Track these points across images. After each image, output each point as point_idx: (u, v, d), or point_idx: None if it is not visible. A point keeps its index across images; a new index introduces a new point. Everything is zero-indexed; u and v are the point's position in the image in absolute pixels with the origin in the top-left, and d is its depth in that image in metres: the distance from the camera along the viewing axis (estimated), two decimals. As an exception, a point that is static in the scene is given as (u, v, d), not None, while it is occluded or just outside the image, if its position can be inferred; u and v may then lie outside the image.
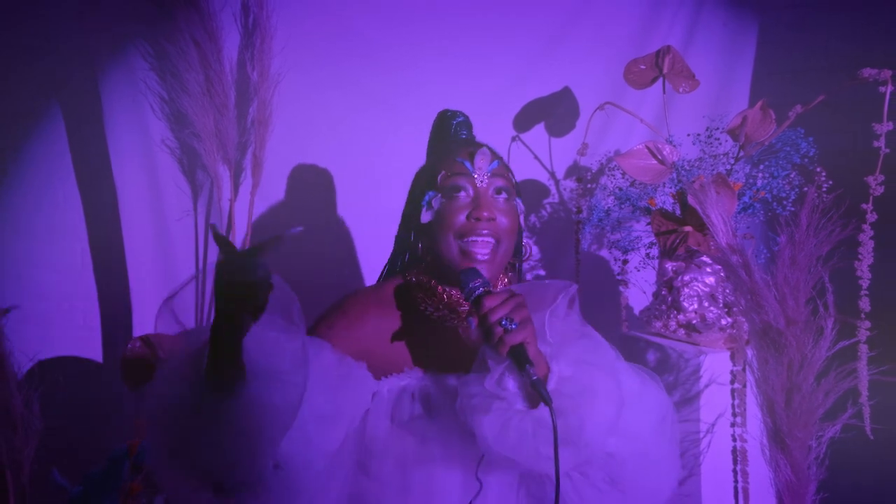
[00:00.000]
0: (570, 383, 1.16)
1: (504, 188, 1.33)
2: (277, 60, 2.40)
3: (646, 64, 2.15)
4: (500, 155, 1.40)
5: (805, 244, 1.49)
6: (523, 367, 1.10)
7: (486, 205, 1.29)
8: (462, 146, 1.37)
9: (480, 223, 1.28)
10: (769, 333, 1.50)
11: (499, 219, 1.30)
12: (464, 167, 1.32)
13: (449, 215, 1.30)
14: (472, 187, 1.31)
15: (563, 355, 1.20)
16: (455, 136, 1.48)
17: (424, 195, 1.35)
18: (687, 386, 1.91)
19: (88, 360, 2.51)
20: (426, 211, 1.34)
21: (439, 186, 1.33)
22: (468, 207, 1.30)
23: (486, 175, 1.32)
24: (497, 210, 1.30)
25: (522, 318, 1.13)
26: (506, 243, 1.32)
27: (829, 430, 1.53)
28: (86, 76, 2.38)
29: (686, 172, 1.97)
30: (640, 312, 2.20)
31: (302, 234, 2.59)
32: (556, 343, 1.21)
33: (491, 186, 1.32)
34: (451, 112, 1.52)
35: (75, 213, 2.47)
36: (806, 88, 1.92)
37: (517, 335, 1.11)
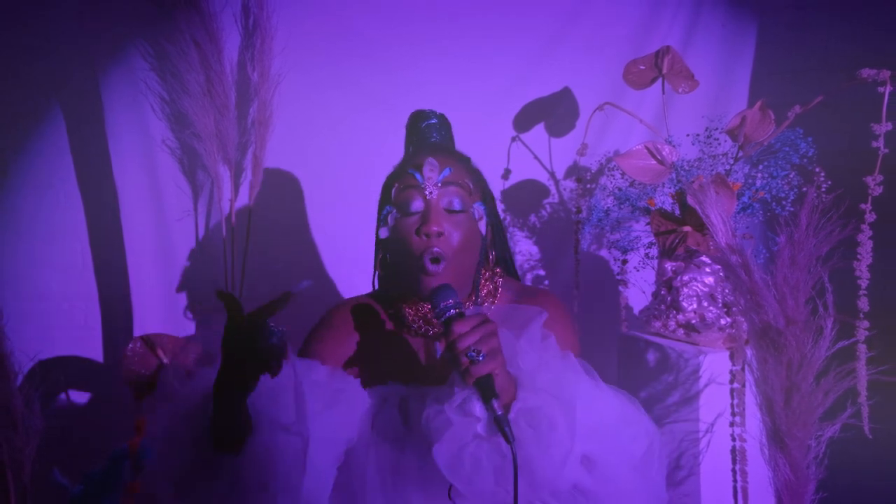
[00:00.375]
0: (532, 414, 1.12)
1: (457, 196, 1.29)
2: (278, 61, 2.40)
3: (645, 64, 2.15)
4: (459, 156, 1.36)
5: (804, 244, 1.49)
6: (488, 400, 1.06)
7: (434, 219, 1.26)
8: (417, 153, 1.34)
9: (431, 239, 1.25)
10: (768, 333, 1.50)
11: (448, 232, 1.26)
12: (414, 179, 1.28)
13: (402, 232, 1.28)
14: (423, 199, 1.28)
15: (531, 384, 1.16)
16: (423, 140, 1.45)
17: (383, 209, 1.33)
18: (686, 386, 1.92)
19: (89, 359, 2.51)
20: (383, 227, 1.33)
21: (393, 201, 1.31)
22: (419, 222, 1.27)
23: (435, 186, 1.28)
24: (447, 223, 1.27)
25: (491, 348, 1.08)
26: (455, 259, 1.27)
27: (828, 429, 1.53)
28: (86, 76, 2.38)
29: (685, 173, 1.97)
30: (640, 312, 2.20)
31: (302, 235, 2.59)
32: (527, 369, 1.18)
33: (442, 198, 1.28)
34: (423, 113, 1.49)
35: (76, 213, 2.47)
36: (805, 89, 1.92)
37: (483, 367, 1.07)
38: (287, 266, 2.56)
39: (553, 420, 1.12)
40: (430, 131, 1.45)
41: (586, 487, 1.17)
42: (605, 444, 1.18)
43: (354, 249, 2.59)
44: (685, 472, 1.92)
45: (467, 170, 1.36)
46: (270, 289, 2.54)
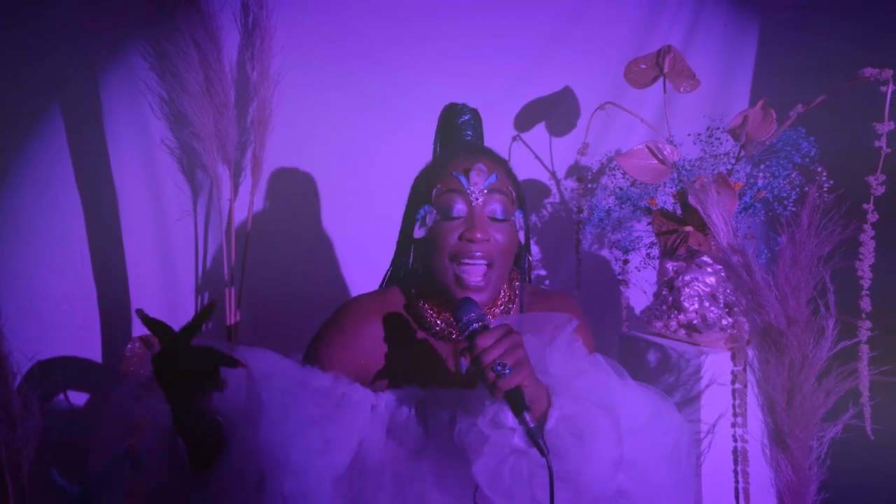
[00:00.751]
0: (571, 422, 1.10)
1: (501, 204, 1.27)
2: (277, 60, 2.40)
3: (646, 63, 2.15)
4: (502, 161, 1.34)
5: (806, 244, 1.49)
6: (520, 412, 1.04)
7: (479, 225, 1.23)
8: (460, 156, 1.31)
9: (473, 245, 1.23)
10: (770, 333, 1.50)
11: (493, 239, 1.25)
12: (459, 183, 1.25)
13: (442, 235, 1.25)
14: (467, 205, 1.25)
15: (566, 390, 1.14)
16: (459, 137, 1.43)
17: (419, 209, 1.30)
18: (688, 386, 1.91)
19: (88, 360, 2.51)
20: (420, 227, 1.29)
21: (434, 202, 1.27)
22: (461, 227, 1.24)
23: (481, 192, 1.25)
24: (492, 229, 1.25)
25: (517, 359, 1.05)
26: (500, 264, 1.26)
27: (830, 430, 1.53)
28: (85, 76, 2.38)
29: (687, 172, 1.97)
30: (641, 312, 2.20)
31: (302, 235, 2.59)
32: (559, 376, 1.15)
33: (487, 204, 1.26)
34: (458, 108, 1.46)
35: (74, 213, 2.46)
36: (807, 88, 1.91)
37: (511, 380, 1.04)
38: (287, 266, 2.55)
39: (595, 427, 1.09)
40: (465, 128, 1.43)
41: (627, 490, 1.15)
42: (641, 443, 1.16)
43: (355, 249, 2.59)
44: (686, 472, 1.92)
45: (509, 176, 1.33)
46: (270, 289, 2.54)
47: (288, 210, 2.58)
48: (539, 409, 1.09)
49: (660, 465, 1.20)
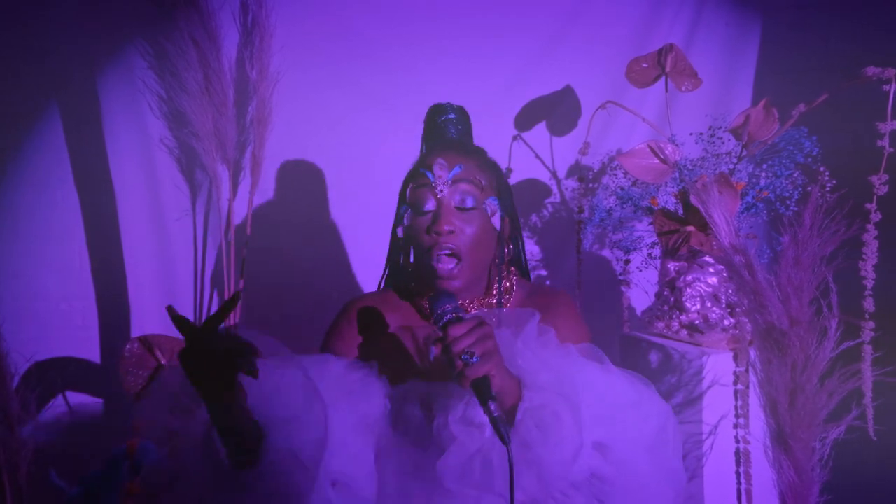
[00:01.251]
0: (537, 414, 1.14)
1: (468, 193, 1.30)
2: (276, 59, 2.40)
3: (648, 62, 2.15)
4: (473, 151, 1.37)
5: (808, 244, 1.49)
6: (485, 402, 1.06)
7: (444, 217, 1.27)
8: (430, 152, 1.36)
9: (441, 237, 1.27)
10: (772, 334, 1.50)
11: (459, 229, 1.28)
12: (426, 178, 1.30)
13: (415, 232, 1.31)
14: (434, 198, 1.30)
15: (535, 383, 1.17)
16: (440, 135, 1.46)
17: (400, 208, 1.36)
18: (690, 387, 1.91)
19: (86, 360, 2.51)
20: (400, 226, 1.35)
21: (408, 200, 1.33)
22: (431, 221, 1.29)
23: (445, 184, 1.29)
24: (458, 220, 1.28)
25: (486, 349, 1.08)
26: (471, 252, 1.29)
27: (832, 431, 1.52)
28: (84, 75, 2.38)
29: (689, 172, 1.97)
30: (643, 313, 2.20)
31: (301, 235, 2.59)
32: (527, 369, 1.19)
33: (453, 195, 1.30)
34: (441, 107, 1.49)
35: (73, 213, 2.46)
36: (809, 87, 1.91)
37: (478, 369, 1.07)
38: (287, 265, 2.55)
39: (558, 417, 1.13)
40: (447, 126, 1.46)
41: (603, 473, 1.18)
42: (617, 428, 1.20)
43: (355, 248, 2.59)
44: (688, 474, 1.91)
45: (480, 165, 1.37)
46: (270, 288, 2.54)
47: (287, 210, 2.58)
48: (510, 401, 1.13)
49: (638, 450, 1.22)
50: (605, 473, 1.18)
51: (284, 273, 2.55)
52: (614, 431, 1.19)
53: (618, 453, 1.19)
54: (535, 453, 1.10)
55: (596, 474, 1.18)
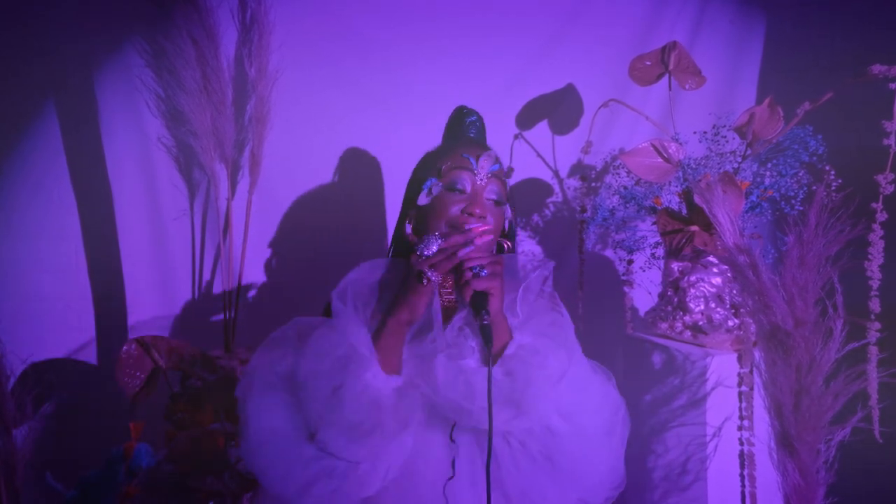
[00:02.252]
0: (525, 349, 1.28)
1: (498, 192, 1.41)
2: (276, 57, 2.40)
3: (651, 60, 2.15)
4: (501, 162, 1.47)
5: (814, 244, 1.49)
6: (479, 312, 1.21)
7: (480, 203, 1.37)
8: (471, 144, 1.46)
9: (472, 219, 1.36)
10: (777, 335, 1.50)
11: (488, 219, 1.38)
12: (468, 163, 1.40)
13: (444, 205, 1.39)
14: (471, 184, 1.39)
15: (527, 327, 1.32)
16: (465, 134, 1.56)
17: (427, 180, 1.42)
18: (693, 389, 1.91)
19: (83, 362, 2.51)
20: (425, 195, 1.42)
21: (442, 175, 1.41)
22: (463, 202, 1.38)
23: (486, 176, 1.40)
24: (488, 210, 1.39)
25: (494, 271, 1.24)
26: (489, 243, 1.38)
27: (838, 433, 1.52)
28: (81, 74, 2.38)
29: (692, 171, 1.97)
30: (646, 314, 2.20)
31: (300, 235, 2.59)
32: (525, 317, 1.34)
33: (488, 187, 1.40)
34: (467, 110, 1.60)
35: (70, 213, 2.46)
36: (814, 85, 1.92)
37: (483, 282, 1.23)
38: (285, 265, 2.56)
39: (545, 354, 1.28)
40: (471, 128, 1.57)
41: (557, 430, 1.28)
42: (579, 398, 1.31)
43: (355, 247, 2.59)
44: (692, 476, 1.92)
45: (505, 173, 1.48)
46: (268, 289, 2.54)
47: (286, 209, 2.58)
48: (502, 341, 1.28)
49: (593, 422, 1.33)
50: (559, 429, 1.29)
51: (283, 273, 2.55)
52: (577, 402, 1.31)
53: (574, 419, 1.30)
54: (516, 383, 1.23)
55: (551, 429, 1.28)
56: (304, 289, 2.49)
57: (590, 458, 1.32)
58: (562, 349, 1.30)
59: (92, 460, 2.03)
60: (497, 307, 1.26)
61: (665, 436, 1.99)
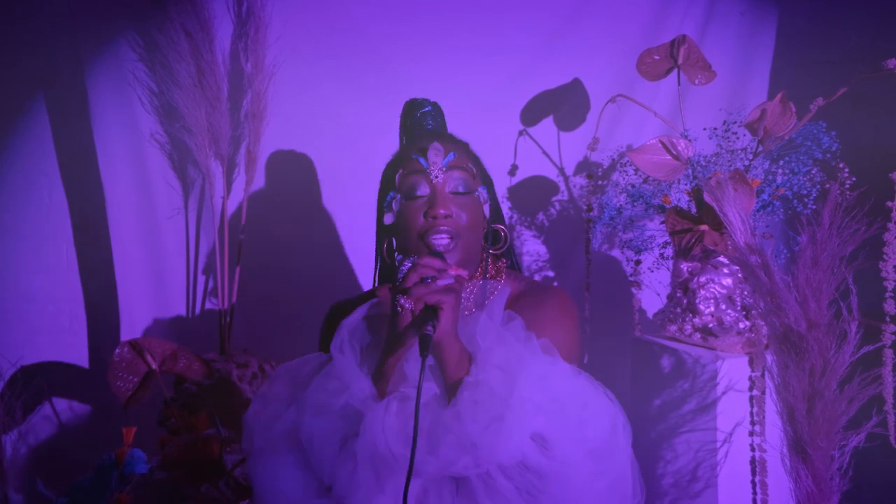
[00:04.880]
0: (477, 388, 1.18)
1: (461, 179, 1.37)
2: (272, 51, 2.41)
3: (660, 54, 2.15)
4: (460, 142, 1.44)
5: (827, 244, 1.49)
6: (424, 322, 1.12)
7: (441, 201, 1.34)
8: (417, 139, 1.43)
9: (437, 220, 1.33)
10: (790, 337, 1.50)
11: (456, 214, 1.35)
12: (418, 164, 1.36)
13: (409, 216, 1.35)
14: (429, 184, 1.36)
15: (487, 360, 1.22)
16: (420, 127, 1.53)
17: (386, 196, 1.41)
18: (703, 393, 1.92)
19: (74, 365, 2.52)
20: (388, 213, 1.40)
21: (398, 186, 1.38)
22: (425, 206, 1.34)
23: (440, 170, 1.36)
24: (454, 205, 1.35)
25: (448, 285, 1.15)
26: (466, 236, 1.36)
27: (852, 439, 1.52)
28: (72, 68, 2.39)
29: (702, 168, 1.97)
30: (654, 315, 2.20)
31: (297, 233, 2.59)
32: (485, 347, 1.23)
33: (447, 181, 1.36)
34: (417, 101, 1.57)
35: (60, 212, 2.47)
36: (827, 80, 1.92)
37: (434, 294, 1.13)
38: (282, 265, 2.56)
39: (495, 395, 1.17)
40: (426, 119, 1.54)
41: (539, 467, 1.18)
42: (558, 423, 1.20)
43: (352, 246, 2.60)
44: (702, 483, 1.92)
45: (468, 154, 1.44)
46: (265, 289, 2.55)
47: (283, 207, 2.59)
48: (456, 374, 1.20)
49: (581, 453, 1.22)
50: (541, 467, 1.19)
51: (280, 272, 2.55)
52: (554, 426, 1.20)
53: (558, 449, 1.20)
54: (466, 427, 1.14)
55: (530, 466, 1.19)
56: (302, 289, 2.51)
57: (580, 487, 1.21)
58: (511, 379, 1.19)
59: (83, 466, 2.04)
60: (448, 326, 1.15)
61: (674, 441, 2.00)
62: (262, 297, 2.55)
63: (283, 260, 2.57)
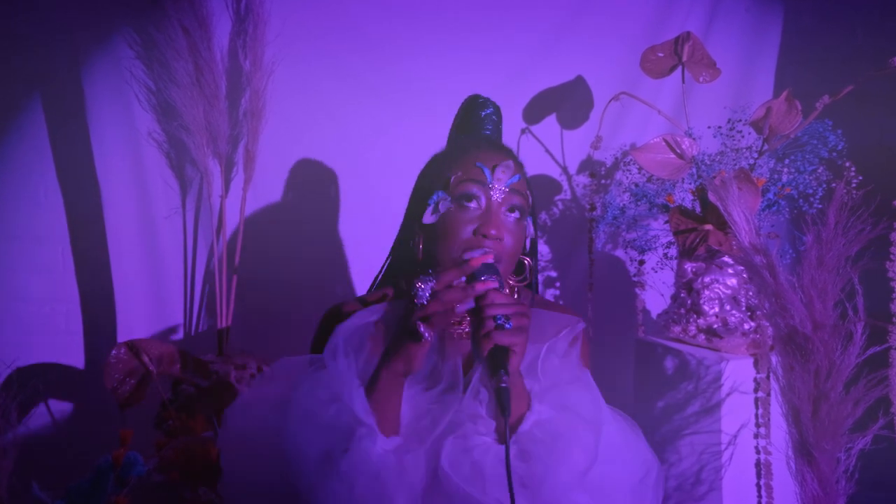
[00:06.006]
0: (546, 427, 1.15)
1: (518, 207, 1.29)
2: (271, 49, 2.41)
3: (664, 51, 2.16)
4: (523, 167, 1.36)
5: (833, 244, 1.49)
6: (497, 371, 1.07)
7: (496, 222, 1.26)
8: (485, 148, 1.33)
9: (486, 240, 1.25)
10: (795, 339, 1.50)
11: (506, 239, 1.27)
12: (482, 174, 1.27)
13: (455, 225, 1.27)
14: (486, 198, 1.27)
15: (549, 397, 1.19)
16: (479, 129, 1.46)
17: (433, 193, 1.31)
18: (707, 394, 1.92)
19: (70, 366, 2.52)
20: (431, 212, 1.30)
21: (451, 188, 1.29)
22: (476, 221, 1.26)
23: (503, 189, 1.28)
24: (506, 230, 1.27)
25: (520, 325, 1.10)
26: (505, 264, 1.28)
27: (858, 441, 1.52)
28: (68, 66, 2.39)
29: (706, 167, 1.97)
30: (658, 316, 2.21)
31: (296, 233, 2.59)
32: (547, 382, 1.20)
33: (506, 202, 1.28)
34: (481, 100, 1.50)
35: (56, 211, 2.48)
36: (834, 78, 1.92)
37: (506, 336, 1.08)
38: (281, 265, 2.56)
39: (572, 436, 1.14)
40: (487, 123, 1.47)
41: None
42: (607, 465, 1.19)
43: (352, 246, 2.60)
44: (706, 487, 1.92)
45: (527, 181, 1.36)
46: (264, 290, 2.55)
47: (282, 207, 2.59)
48: (518, 411, 1.16)
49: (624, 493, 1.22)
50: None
51: (279, 273, 2.55)
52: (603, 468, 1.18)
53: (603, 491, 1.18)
54: (533, 468, 1.11)
55: None
56: (301, 289, 2.51)
57: None
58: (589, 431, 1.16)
59: (80, 469, 2.04)
60: (516, 367, 1.11)
61: (678, 444, 2.00)
62: (261, 297, 2.55)
63: (281, 259, 2.57)
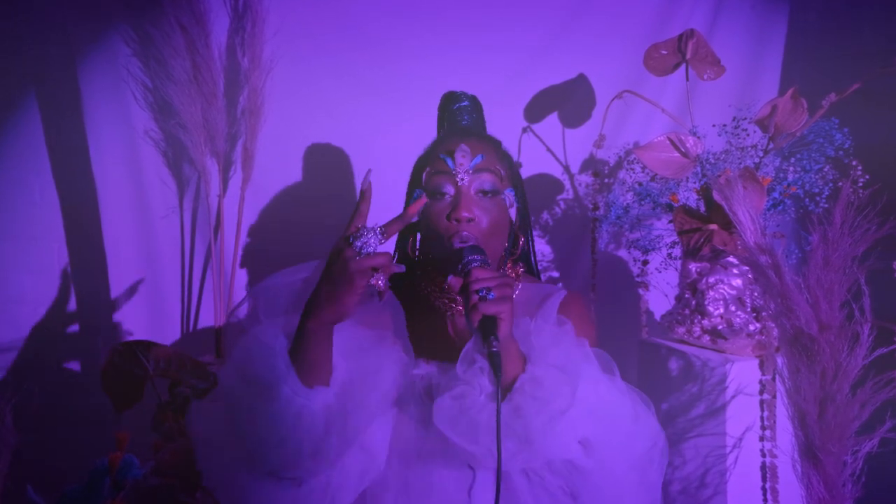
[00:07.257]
0: (536, 384, 1.22)
1: (488, 183, 1.38)
2: (270, 46, 2.41)
3: (667, 49, 2.16)
4: (491, 141, 1.46)
5: (839, 243, 1.49)
6: (487, 337, 1.15)
7: (464, 205, 1.35)
8: (447, 138, 1.44)
9: (461, 224, 1.34)
10: (801, 340, 1.50)
11: (479, 218, 1.36)
12: (445, 164, 1.38)
13: (432, 217, 1.38)
14: (454, 186, 1.37)
15: (543, 359, 1.26)
16: (454, 122, 1.55)
17: (413, 192, 1.44)
18: (712, 397, 1.92)
19: (66, 368, 2.52)
20: None
21: (424, 185, 1.41)
22: (449, 208, 1.36)
23: (466, 172, 1.37)
24: (478, 209, 1.36)
25: (503, 294, 1.17)
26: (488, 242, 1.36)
27: (865, 444, 1.52)
28: (64, 63, 2.39)
29: (711, 166, 1.98)
30: (662, 317, 2.21)
31: (295, 232, 2.60)
32: (539, 347, 1.28)
33: (473, 184, 1.38)
34: (454, 95, 1.58)
35: (52, 211, 2.47)
36: (840, 75, 1.92)
37: (491, 306, 1.15)
38: (280, 265, 2.56)
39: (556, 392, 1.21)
40: (462, 114, 1.55)
41: (581, 465, 1.26)
42: (605, 430, 1.28)
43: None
44: (711, 490, 1.92)
45: (499, 155, 1.46)
46: (262, 290, 2.54)
47: (281, 206, 2.59)
48: (512, 373, 1.23)
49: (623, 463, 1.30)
50: (582, 465, 1.26)
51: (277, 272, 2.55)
52: (600, 432, 1.27)
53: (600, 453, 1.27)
54: (525, 423, 1.18)
55: (574, 464, 1.26)
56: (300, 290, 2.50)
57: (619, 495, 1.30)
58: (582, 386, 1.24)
59: (75, 472, 2.04)
60: (506, 333, 1.19)
61: (682, 447, 2.00)
62: (260, 298, 2.55)
63: (281, 259, 2.56)
